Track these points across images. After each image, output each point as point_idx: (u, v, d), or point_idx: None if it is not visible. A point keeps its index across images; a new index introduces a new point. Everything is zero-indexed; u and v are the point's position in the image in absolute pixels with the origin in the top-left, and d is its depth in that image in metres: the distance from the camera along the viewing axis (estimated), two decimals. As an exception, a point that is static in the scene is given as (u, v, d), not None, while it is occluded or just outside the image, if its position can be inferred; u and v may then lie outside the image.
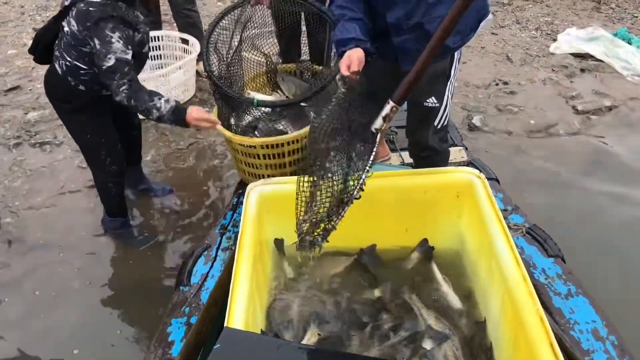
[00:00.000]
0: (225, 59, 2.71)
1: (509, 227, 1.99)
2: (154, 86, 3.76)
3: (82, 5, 2.30)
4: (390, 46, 2.19)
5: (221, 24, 2.69)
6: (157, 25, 4.28)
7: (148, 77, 3.81)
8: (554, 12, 6.04)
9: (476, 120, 4.02)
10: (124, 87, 2.32)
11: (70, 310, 2.66)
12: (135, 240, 3.04)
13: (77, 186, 3.42)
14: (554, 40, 5.29)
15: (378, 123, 1.86)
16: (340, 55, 2.05)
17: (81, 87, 2.53)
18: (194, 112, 2.35)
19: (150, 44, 4.04)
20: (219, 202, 3.28)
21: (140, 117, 3.01)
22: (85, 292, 2.76)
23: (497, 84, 4.58)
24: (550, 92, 4.47)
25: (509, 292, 1.62)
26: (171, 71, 3.94)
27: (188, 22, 4.25)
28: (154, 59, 4.27)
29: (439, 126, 2.43)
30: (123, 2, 2.36)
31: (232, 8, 2.74)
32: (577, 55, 4.97)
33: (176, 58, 4.19)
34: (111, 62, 2.28)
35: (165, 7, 4.38)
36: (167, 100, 2.37)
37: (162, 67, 4.05)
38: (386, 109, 1.84)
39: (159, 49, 4.27)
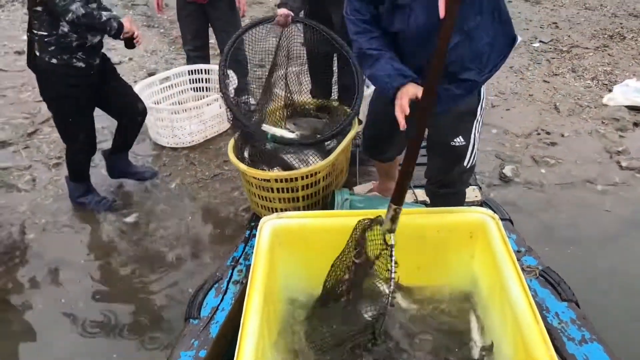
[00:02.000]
0: (247, 85, 2.78)
1: (522, 269, 1.98)
2: (188, 116, 4.00)
3: None
4: None
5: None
6: (206, 60, 4.44)
7: (184, 108, 4.04)
8: (616, 61, 5.63)
9: (507, 170, 3.80)
10: (74, 5, 2.64)
11: (72, 331, 2.66)
12: (100, 205, 3.39)
13: (104, 211, 3.49)
14: (610, 91, 4.90)
15: (386, 225, 1.82)
16: (394, 92, 1.92)
17: (53, 61, 2.82)
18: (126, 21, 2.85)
19: (198, 77, 4.39)
20: (233, 234, 3.29)
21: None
22: (89, 315, 2.77)
23: (538, 134, 4.33)
24: (595, 145, 4.16)
25: (522, 336, 1.60)
26: (205, 103, 4.07)
27: (234, 59, 4.39)
28: (200, 91, 4.47)
29: (467, 165, 2.33)
30: None
31: (252, 25, 2.83)
32: (632, 108, 4.60)
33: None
34: None
35: (213, 40, 4.50)
36: (111, 18, 2.78)
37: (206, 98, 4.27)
38: (390, 213, 1.81)
39: (206, 82, 4.44)
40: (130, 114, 3.32)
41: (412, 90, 1.88)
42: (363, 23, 2.01)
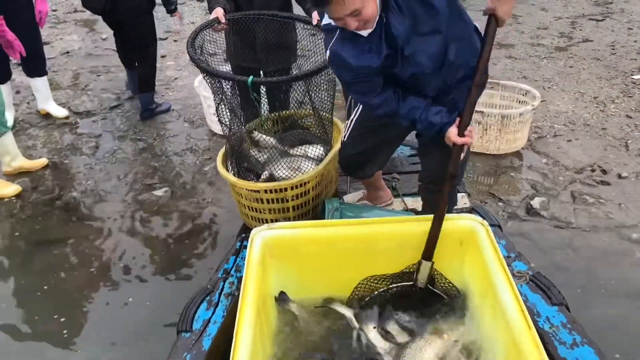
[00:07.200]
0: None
1: (513, 275, 1.99)
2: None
3: None
4: None
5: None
6: None
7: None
8: None
9: (536, 202, 3.48)
10: None
11: (60, 347, 2.68)
12: (162, 109, 4.80)
13: (141, 182, 3.97)
14: (701, 136, 4.34)
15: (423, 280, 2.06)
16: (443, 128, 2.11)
17: None
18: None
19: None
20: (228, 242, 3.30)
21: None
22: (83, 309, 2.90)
23: (592, 170, 3.86)
24: (652, 191, 3.63)
25: (514, 341, 1.61)
26: None
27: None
28: None
29: (464, 158, 2.35)
30: None
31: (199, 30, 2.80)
32: None
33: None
34: None
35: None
36: None
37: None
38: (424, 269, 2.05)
39: None
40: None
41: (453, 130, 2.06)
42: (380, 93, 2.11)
